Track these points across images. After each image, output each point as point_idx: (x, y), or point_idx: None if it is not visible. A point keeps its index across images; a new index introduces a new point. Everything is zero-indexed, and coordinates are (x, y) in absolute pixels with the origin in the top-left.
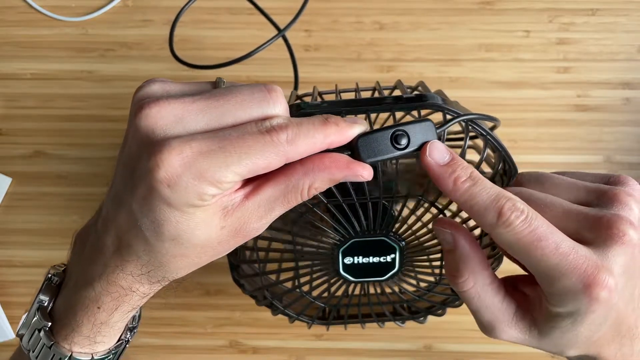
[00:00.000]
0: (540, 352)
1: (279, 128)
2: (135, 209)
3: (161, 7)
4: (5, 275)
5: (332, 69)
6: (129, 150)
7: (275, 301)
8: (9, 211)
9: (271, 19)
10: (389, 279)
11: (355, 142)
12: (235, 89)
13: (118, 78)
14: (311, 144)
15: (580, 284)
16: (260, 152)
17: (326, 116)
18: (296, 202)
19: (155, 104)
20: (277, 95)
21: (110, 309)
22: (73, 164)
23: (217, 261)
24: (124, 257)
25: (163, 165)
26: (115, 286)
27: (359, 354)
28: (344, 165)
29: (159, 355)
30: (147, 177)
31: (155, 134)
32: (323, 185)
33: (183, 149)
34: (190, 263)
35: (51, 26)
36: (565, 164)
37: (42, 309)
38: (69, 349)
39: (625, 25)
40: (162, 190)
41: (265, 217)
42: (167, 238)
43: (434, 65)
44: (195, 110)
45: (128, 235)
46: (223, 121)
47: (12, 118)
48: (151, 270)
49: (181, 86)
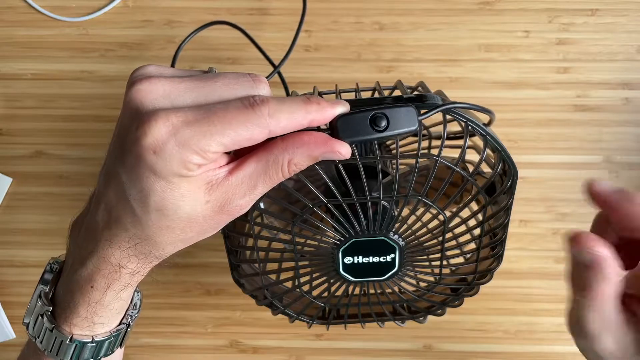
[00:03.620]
0: (541, 352)
1: (261, 102)
2: (124, 179)
3: (161, 7)
4: (5, 275)
5: (332, 69)
6: (120, 125)
7: (275, 301)
8: (10, 211)
9: (267, 56)
10: (389, 279)
11: (335, 121)
12: (223, 74)
13: (118, 78)
14: (292, 119)
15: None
16: (243, 124)
17: (308, 95)
18: (277, 179)
19: (146, 80)
20: (261, 82)
21: (103, 287)
22: (73, 164)
23: (217, 261)
24: (112, 231)
25: (150, 132)
26: (105, 263)
27: (359, 354)
28: (322, 141)
29: (159, 355)
30: (134, 146)
31: (143, 105)
32: (302, 161)
33: (169, 118)
34: (176, 238)
35: (51, 26)
36: (565, 164)
37: (44, 295)
38: (69, 331)
39: (625, 25)
40: (149, 158)
41: (248, 194)
42: (153, 209)
43: (434, 65)
44: (184, 88)
45: (117, 208)
46: (208, 99)
47: (13, 118)
48: (138, 244)
49: (174, 70)
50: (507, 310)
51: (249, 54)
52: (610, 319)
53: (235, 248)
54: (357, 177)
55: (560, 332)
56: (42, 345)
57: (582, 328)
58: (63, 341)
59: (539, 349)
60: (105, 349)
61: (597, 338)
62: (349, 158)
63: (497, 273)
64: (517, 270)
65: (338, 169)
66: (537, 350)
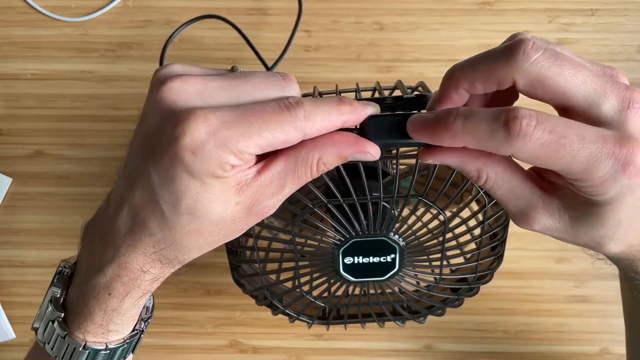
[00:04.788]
0: (541, 352)
1: (296, 104)
2: (155, 180)
3: (161, 7)
4: (5, 275)
5: (332, 69)
6: (148, 125)
7: (276, 301)
8: (9, 211)
9: (259, 56)
10: (389, 279)
11: (366, 122)
12: (253, 73)
13: (118, 78)
14: (327, 120)
15: (618, 165)
16: (280, 126)
17: (340, 97)
18: (306, 179)
19: (177, 78)
20: (291, 81)
21: (121, 294)
22: (73, 164)
23: (217, 261)
24: (136, 236)
25: (189, 132)
26: (126, 270)
27: (359, 354)
28: (353, 141)
29: (159, 355)
30: (171, 146)
31: (177, 105)
32: (332, 160)
33: (208, 117)
34: (203, 242)
35: (51, 26)
36: None
37: (55, 300)
38: (83, 339)
39: (625, 25)
40: (186, 158)
41: (277, 194)
42: (184, 211)
43: (434, 65)
44: (216, 86)
45: (143, 212)
46: (241, 99)
47: (13, 118)
48: (164, 249)
49: (201, 69)
50: (507, 310)
51: (247, 54)
52: (524, 194)
53: (236, 248)
54: (358, 177)
55: (560, 332)
56: (53, 351)
57: (511, 215)
58: (76, 348)
59: (539, 349)
60: (118, 355)
61: (528, 217)
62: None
63: (497, 273)
64: (517, 270)
65: (338, 169)
66: (537, 350)
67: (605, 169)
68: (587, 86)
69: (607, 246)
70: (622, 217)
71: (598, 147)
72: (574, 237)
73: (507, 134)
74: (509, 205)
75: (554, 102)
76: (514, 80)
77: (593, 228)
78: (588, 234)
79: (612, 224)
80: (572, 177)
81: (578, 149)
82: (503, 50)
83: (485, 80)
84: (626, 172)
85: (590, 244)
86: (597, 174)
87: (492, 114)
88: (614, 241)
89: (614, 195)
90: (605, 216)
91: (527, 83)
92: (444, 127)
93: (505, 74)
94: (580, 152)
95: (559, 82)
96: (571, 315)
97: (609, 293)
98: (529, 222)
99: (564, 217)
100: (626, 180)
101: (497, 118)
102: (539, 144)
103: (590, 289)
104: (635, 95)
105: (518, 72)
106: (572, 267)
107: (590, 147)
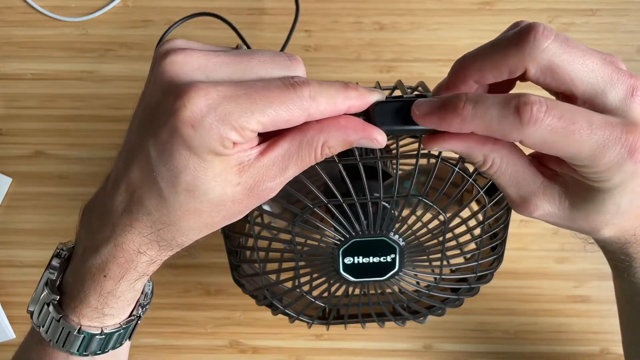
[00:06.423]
0: (541, 352)
1: (302, 83)
2: (153, 156)
3: (161, 7)
4: (5, 275)
5: (332, 69)
6: (149, 99)
7: (275, 301)
8: (9, 211)
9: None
10: (389, 279)
11: (372, 108)
12: (259, 51)
13: (118, 78)
14: (332, 103)
15: (625, 152)
16: (284, 104)
17: (346, 81)
18: (309, 162)
19: (181, 52)
20: (298, 62)
21: (117, 276)
22: (73, 164)
23: (217, 261)
24: (133, 216)
25: (190, 105)
26: (122, 250)
27: (359, 354)
28: (359, 127)
29: (159, 355)
30: (171, 119)
31: (179, 78)
32: (337, 145)
33: (209, 91)
34: (201, 223)
35: (51, 26)
36: None
37: (51, 283)
38: (78, 322)
39: (625, 25)
40: (185, 132)
41: (279, 176)
42: (183, 189)
43: (434, 65)
44: (220, 62)
45: (141, 190)
46: (245, 76)
47: (12, 118)
48: (161, 229)
49: (204, 44)
50: (507, 310)
51: None
52: (527, 180)
53: (236, 248)
54: (358, 177)
55: (560, 332)
56: (48, 335)
57: (511, 202)
58: (70, 332)
59: (539, 349)
60: (114, 341)
61: (529, 204)
62: (350, 158)
63: (497, 273)
64: (517, 270)
65: (338, 168)
66: (537, 350)
67: (612, 155)
68: (596, 74)
69: (602, 231)
70: (621, 203)
71: (606, 134)
72: (570, 222)
73: (518, 120)
74: (511, 191)
75: (560, 90)
76: (526, 68)
77: (592, 214)
78: (586, 219)
79: (611, 210)
80: (579, 163)
81: (587, 135)
82: (513, 38)
83: (496, 69)
84: (632, 157)
85: (586, 229)
86: (604, 160)
87: (503, 100)
88: (609, 226)
89: (617, 181)
90: (605, 202)
91: (538, 71)
92: (453, 112)
93: (517, 62)
94: (588, 139)
95: (570, 70)
96: (571, 315)
97: (609, 293)
98: (529, 209)
99: (564, 203)
100: (632, 166)
101: (508, 104)
102: (549, 130)
103: (590, 289)
104: (639, 82)
105: (531, 60)
106: (572, 267)
107: (598, 133)
